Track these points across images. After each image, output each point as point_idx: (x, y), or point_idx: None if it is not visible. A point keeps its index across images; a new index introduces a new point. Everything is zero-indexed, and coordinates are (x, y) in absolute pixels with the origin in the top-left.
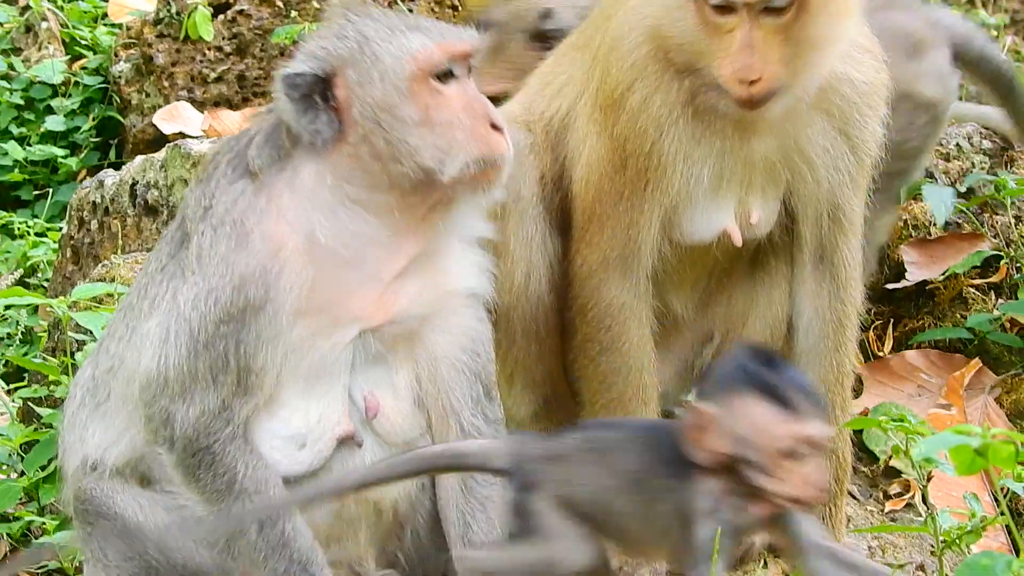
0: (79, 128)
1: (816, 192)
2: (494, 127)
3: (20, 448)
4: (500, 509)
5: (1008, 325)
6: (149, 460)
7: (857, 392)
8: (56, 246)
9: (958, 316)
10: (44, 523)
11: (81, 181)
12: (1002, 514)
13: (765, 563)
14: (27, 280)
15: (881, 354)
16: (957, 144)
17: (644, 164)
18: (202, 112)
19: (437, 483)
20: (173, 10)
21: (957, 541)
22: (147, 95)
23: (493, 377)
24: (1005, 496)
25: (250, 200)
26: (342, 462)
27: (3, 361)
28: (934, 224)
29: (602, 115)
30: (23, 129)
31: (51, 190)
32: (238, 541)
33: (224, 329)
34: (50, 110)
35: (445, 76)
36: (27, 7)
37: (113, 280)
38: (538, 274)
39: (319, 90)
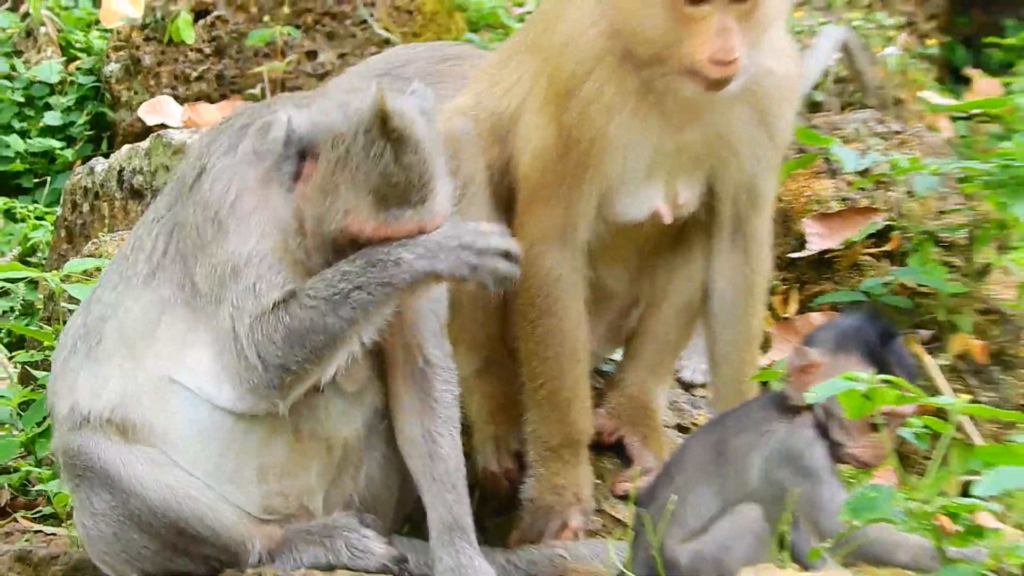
0: (74, 123)
1: (737, 175)
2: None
3: (19, 407)
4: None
5: (899, 288)
6: (134, 409)
7: (766, 349)
8: (52, 228)
9: (855, 281)
10: (40, 473)
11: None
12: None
13: None
14: (27, 259)
15: (787, 315)
16: (855, 128)
17: (587, 150)
18: (183, 106)
19: (396, 406)
20: (158, 16)
21: (852, 480)
22: (135, 92)
23: (445, 316)
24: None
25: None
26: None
27: (6, 330)
28: (833, 200)
29: (552, 106)
30: (24, 124)
31: (49, 178)
32: None
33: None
34: (48, 107)
35: None
36: (27, 14)
37: (102, 256)
38: None
39: (296, 151)
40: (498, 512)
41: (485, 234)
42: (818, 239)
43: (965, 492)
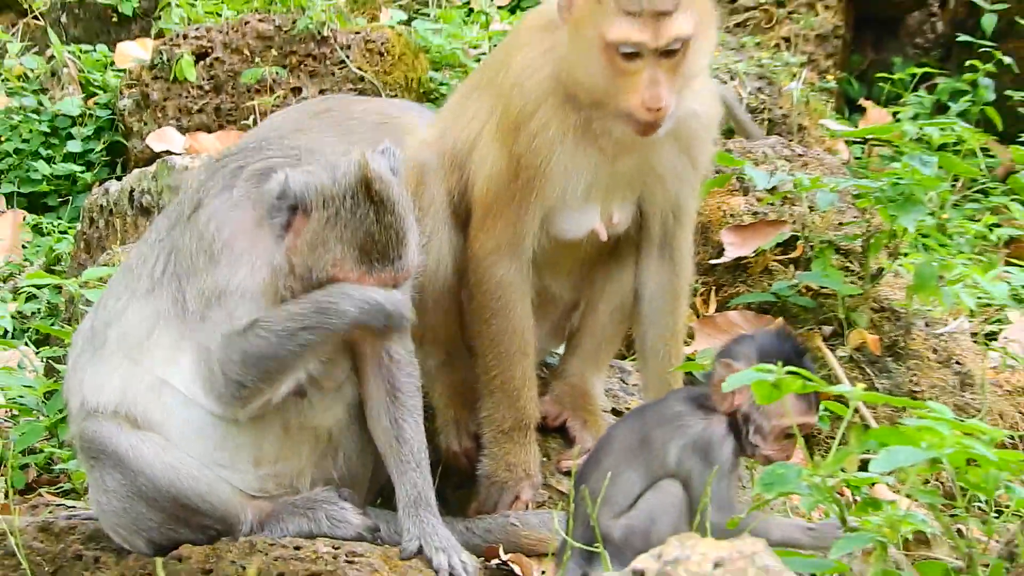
0: (93, 150)
1: (664, 198)
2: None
3: (44, 396)
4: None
5: (804, 290)
6: (140, 405)
7: (689, 342)
8: (74, 241)
9: (765, 284)
10: (61, 454)
11: None
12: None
13: None
14: (52, 267)
15: (707, 313)
16: (764, 151)
17: (533, 176)
18: (185, 135)
19: (367, 397)
20: (165, 58)
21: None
22: (145, 124)
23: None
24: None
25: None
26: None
27: (33, 329)
28: (746, 214)
29: (503, 137)
30: (50, 151)
31: (71, 198)
32: None
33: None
34: (71, 136)
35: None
36: (52, 57)
37: (115, 265)
38: (445, 261)
39: (289, 206)
40: (459, 486)
41: (401, 301)
42: (733, 248)
43: (862, 469)
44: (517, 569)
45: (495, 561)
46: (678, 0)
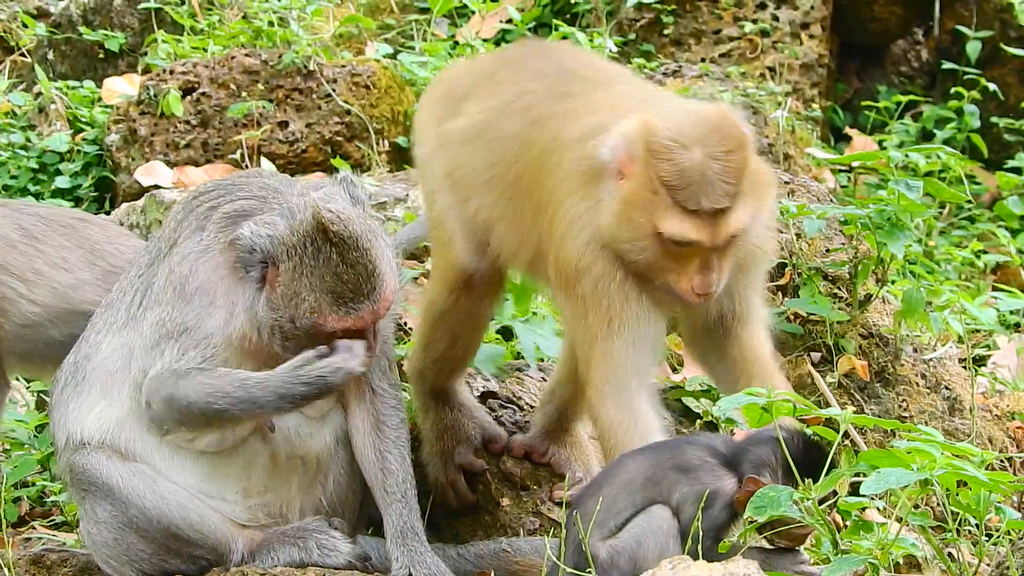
0: (81, 185)
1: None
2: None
3: (35, 429)
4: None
5: (792, 317)
6: (122, 437)
7: (678, 369)
8: None
9: None
10: (53, 487)
11: None
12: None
13: None
14: None
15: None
16: None
17: (604, 313)
18: (173, 169)
19: (353, 430)
20: (152, 93)
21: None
22: (133, 159)
23: (393, 354)
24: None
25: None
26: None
27: None
28: None
29: (562, 280)
30: (38, 187)
31: None
32: None
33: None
34: (59, 172)
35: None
36: (39, 93)
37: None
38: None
39: (260, 259)
40: (448, 515)
41: (350, 361)
42: None
43: (853, 493)
44: None
45: None
46: (736, 192)
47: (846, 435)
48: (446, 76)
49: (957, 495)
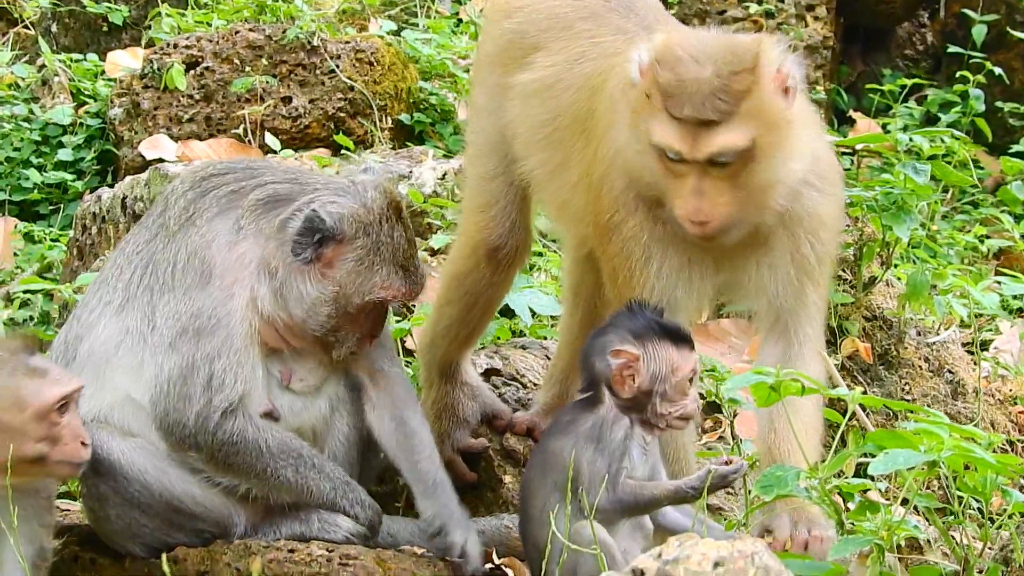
0: (84, 158)
1: (768, 294)
2: None
3: None
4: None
5: None
6: (115, 419)
7: None
8: (66, 249)
9: None
10: None
11: None
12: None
13: None
14: (44, 275)
15: (700, 322)
16: None
17: (629, 278)
18: (177, 143)
19: (369, 411)
20: (155, 67)
21: (757, 463)
22: (136, 132)
23: (392, 346)
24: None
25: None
26: None
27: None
28: None
29: (598, 235)
30: (41, 159)
31: (63, 206)
32: None
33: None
34: (61, 145)
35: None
36: (43, 66)
37: None
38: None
39: (325, 237)
40: None
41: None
42: None
43: (858, 474)
44: (510, 572)
45: (488, 564)
46: (730, 110)
47: (852, 415)
48: (513, 19)
49: (963, 477)
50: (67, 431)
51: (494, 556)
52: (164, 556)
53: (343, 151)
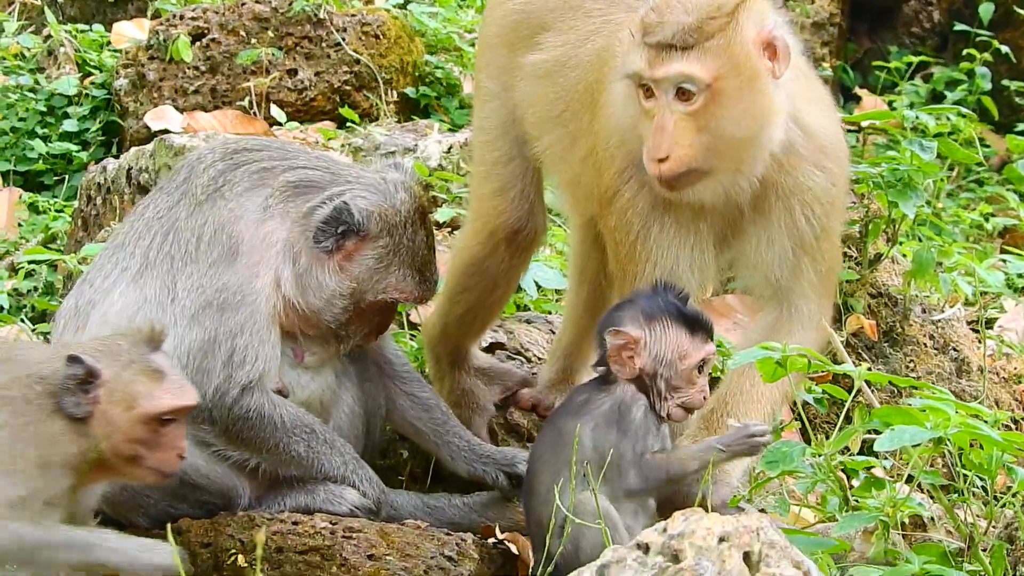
0: (89, 129)
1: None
2: None
3: None
4: None
5: None
6: None
7: None
8: (71, 219)
9: None
10: None
11: None
12: (797, 419)
13: None
14: (48, 245)
15: (705, 298)
16: None
17: (631, 252)
18: (182, 114)
19: (384, 391)
20: (161, 38)
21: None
22: (141, 104)
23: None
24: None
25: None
26: None
27: (30, 306)
28: None
29: (601, 211)
30: (46, 130)
31: (67, 177)
32: None
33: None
34: (67, 115)
35: None
36: (49, 36)
37: None
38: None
39: (349, 230)
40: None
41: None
42: None
43: (863, 451)
44: (513, 548)
45: (491, 540)
46: (695, 42)
47: (858, 392)
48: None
49: (969, 454)
50: (168, 440)
51: (497, 532)
52: (168, 527)
53: (348, 124)
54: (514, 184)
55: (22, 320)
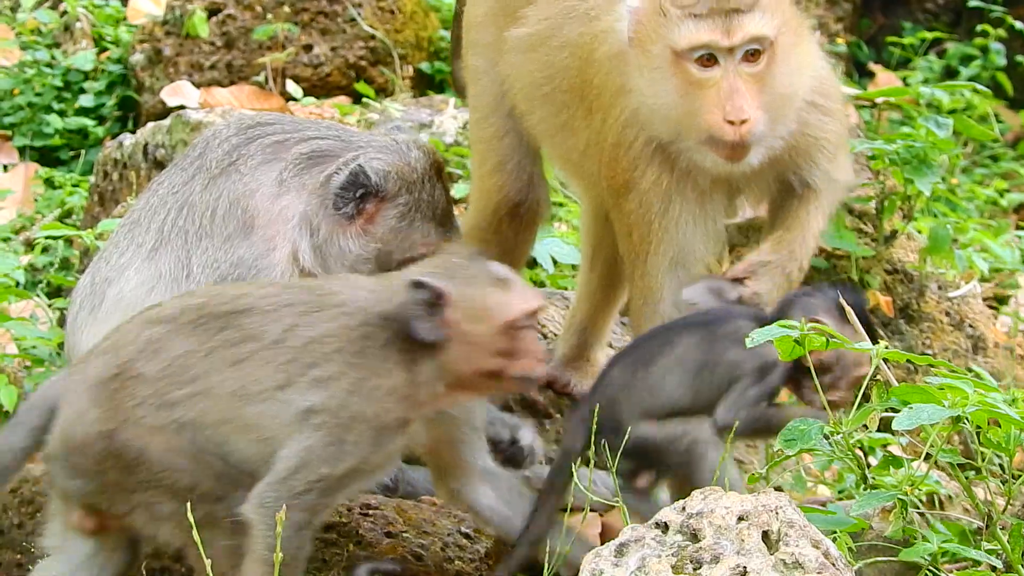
0: (105, 104)
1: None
2: None
3: (57, 347)
4: None
5: (817, 251)
6: None
7: None
8: (87, 194)
9: None
10: None
11: None
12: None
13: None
14: (64, 220)
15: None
16: None
17: (646, 232)
18: (199, 89)
19: None
20: (177, 14)
21: None
22: (157, 79)
23: None
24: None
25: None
26: None
27: (47, 281)
28: None
29: (613, 193)
30: (62, 105)
31: (83, 152)
32: None
33: None
34: (83, 91)
35: None
36: (65, 11)
37: None
38: None
39: (367, 192)
40: None
41: None
42: (748, 208)
43: (881, 428)
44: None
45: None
46: (755, 2)
47: (876, 370)
48: None
49: (987, 433)
50: (526, 345)
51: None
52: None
53: (364, 99)
54: (511, 157)
55: (38, 295)
